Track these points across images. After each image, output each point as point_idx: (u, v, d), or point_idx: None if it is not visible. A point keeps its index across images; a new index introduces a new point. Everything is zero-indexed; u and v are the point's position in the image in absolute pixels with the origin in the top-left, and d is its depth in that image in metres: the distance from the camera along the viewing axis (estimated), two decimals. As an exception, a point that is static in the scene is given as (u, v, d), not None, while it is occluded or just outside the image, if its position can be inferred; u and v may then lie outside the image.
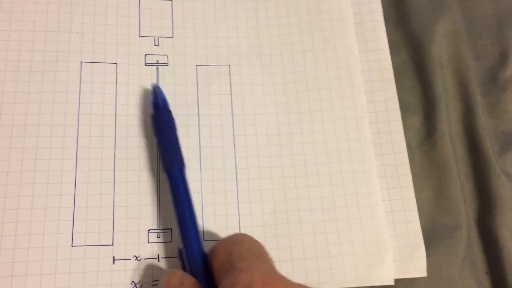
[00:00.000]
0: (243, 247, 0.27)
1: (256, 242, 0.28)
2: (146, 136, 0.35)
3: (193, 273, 0.29)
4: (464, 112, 0.38)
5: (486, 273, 0.35)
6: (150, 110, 0.34)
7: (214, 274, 0.28)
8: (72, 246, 0.32)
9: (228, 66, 0.37)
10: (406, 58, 0.39)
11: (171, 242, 0.33)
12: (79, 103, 0.35)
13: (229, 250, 0.27)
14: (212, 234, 0.33)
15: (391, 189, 0.35)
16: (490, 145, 0.37)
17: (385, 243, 0.33)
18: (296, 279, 0.32)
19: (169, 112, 0.34)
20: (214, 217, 0.33)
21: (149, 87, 0.36)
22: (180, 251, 0.30)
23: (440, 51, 0.39)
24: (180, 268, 0.30)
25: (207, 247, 0.33)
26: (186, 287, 0.27)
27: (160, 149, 0.33)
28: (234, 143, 0.35)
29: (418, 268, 0.33)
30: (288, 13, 0.38)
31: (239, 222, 0.34)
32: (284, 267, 0.33)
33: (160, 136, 0.33)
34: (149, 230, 0.33)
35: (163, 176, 0.34)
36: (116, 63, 0.36)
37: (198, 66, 0.37)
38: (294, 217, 0.34)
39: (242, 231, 0.33)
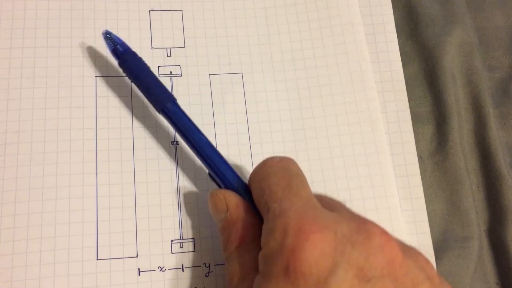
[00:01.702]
0: (271, 182, 0.27)
1: (284, 168, 0.28)
2: (164, 147, 0.35)
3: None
4: (476, 123, 0.38)
5: (497, 284, 0.35)
6: (115, 59, 0.34)
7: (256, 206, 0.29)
8: (97, 259, 0.32)
9: (241, 74, 0.37)
10: (418, 69, 0.39)
11: (194, 251, 0.33)
12: (96, 118, 0.35)
13: (260, 187, 0.28)
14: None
15: (402, 200, 0.35)
16: (502, 157, 0.37)
17: (405, 245, 0.34)
18: None
19: (133, 54, 0.33)
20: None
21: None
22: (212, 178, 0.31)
23: (452, 62, 0.39)
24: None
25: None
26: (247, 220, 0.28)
27: (144, 92, 0.33)
28: (251, 151, 0.36)
29: None
30: (298, 19, 0.39)
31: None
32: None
33: (138, 80, 0.33)
34: (172, 240, 0.33)
35: (184, 186, 0.34)
36: (130, 76, 0.36)
37: (211, 75, 0.37)
38: (313, 222, 0.34)
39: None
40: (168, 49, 0.38)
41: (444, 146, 0.37)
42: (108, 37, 0.33)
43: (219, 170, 0.31)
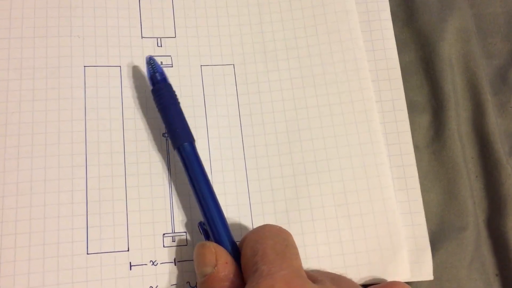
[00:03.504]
0: (267, 245, 0.27)
1: (283, 237, 0.28)
2: (155, 139, 0.35)
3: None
4: (474, 111, 0.38)
5: (496, 275, 0.35)
6: (149, 85, 0.34)
7: (242, 268, 0.28)
8: (87, 254, 0.32)
9: (232, 65, 0.37)
10: (414, 57, 0.39)
11: (186, 245, 0.33)
12: (85, 109, 0.34)
13: (254, 248, 0.27)
14: (226, 235, 0.33)
15: (397, 191, 0.35)
16: (500, 145, 0.36)
17: (399, 238, 0.33)
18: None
19: (169, 85, 0.33)
20: (227, 219, 0.33)
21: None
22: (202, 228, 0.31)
23: (449, 49, 0.38)
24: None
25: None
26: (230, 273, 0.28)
27: (166, 125, 0.33)
28: (243, 144, 0.35)
29: (424, 271, 0.33)
30: (291, 7, 0.38)
31: (252, 223, 0.34)
32: (299, 265, 0.33)
33: (164, 111, 0.33)
34: (164, 234, 0.33)
35: (176, 179, 0.34)
36: (119, 66, 0.36)
37: (202, 66, 0.36)
38: (306, 215, 0.34)
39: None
40: (159, 39, 0.37)
41: (441, 135, 0.36)
42: (151, 62, 0.33)
43: (214, 223, 0.30)
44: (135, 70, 0.36)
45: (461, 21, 0.39)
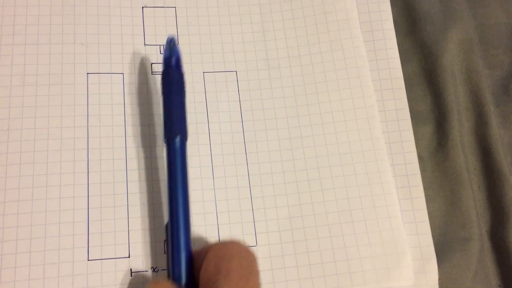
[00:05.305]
0: (233, 265, 0.27)
1: (248, 258, 0.28)
2: (157, 146, 0.34)
3: (175, 268, 0.29)
4: (477, 122, 0.38)
5: (499, 286, 0.35)
6: (162, 66, 0.33)
7: (199, 280, 0.27)
8: (88, 260, 0.32)
9: (235, 72, 0.37)
10: (417, 67, 0.39)
11: (187, 252, 0.32)
12: (88, 116, 0.35)
13: (218, 265, 0.27)
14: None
15: (402, 200, 0.35)
16: (503, 156, 0.36)
17: (403, 243, 0.33)
18: (315, 284, 0.32)
19: (181, 74, 0.32)
20: (229, 225, 0.33)
21: (158, 95, 0.35)
22: (167, 230, 0.30)
23: (451, 60, 0.38)
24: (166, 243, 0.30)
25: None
26: None
27: (164, 113, 0.32)
28: (245, 150, 0.35)
29: (429, 281, 0.33)
30: (293, 16, 0.38)
31: (255, 229, 0.33)
32: (302, 272, 0.32)
33: (166, 98, 0.31)
34: (165, 240, 0.33)
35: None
36: (122, 73, 0.36)
37: (205, 73, 0.37)
38: (309, 221, 0.34)
39: (258, 238, 0.33)
40: (162, 46, 0.37)
41: (445, 146, 0.36)
42: (171, 44, 0.32)
43: (177, 228, 0.29)
44: (138, 77, 0.36)
45: (463, 32, 0.39)
